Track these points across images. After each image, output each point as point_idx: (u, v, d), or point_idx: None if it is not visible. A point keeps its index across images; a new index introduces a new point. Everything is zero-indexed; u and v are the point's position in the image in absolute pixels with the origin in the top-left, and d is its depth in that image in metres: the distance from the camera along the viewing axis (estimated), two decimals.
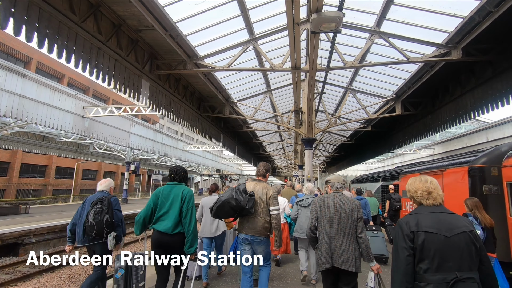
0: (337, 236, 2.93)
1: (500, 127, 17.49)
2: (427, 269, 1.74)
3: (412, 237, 1.80)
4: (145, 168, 39.28)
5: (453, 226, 1.79)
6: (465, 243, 1.73)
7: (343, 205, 3.02)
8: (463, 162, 7.16)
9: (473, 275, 1.71)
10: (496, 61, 6.07)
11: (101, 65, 5.47)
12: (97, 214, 3.50)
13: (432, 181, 2.06)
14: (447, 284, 1.68)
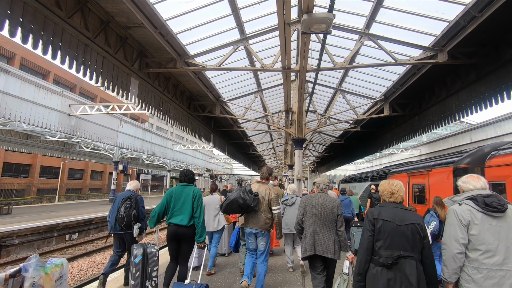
0: (319, 228, 3.48)
1: (483, 128, 18.05)
2: (381, 246, 2.42)
3: (373, 222, 2.48)
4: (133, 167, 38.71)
5: (404, 219, 2.43)
6: (411, 232, 2.38)
7: (326, 203, 3.57)
8: (448, 163, 7.35)
9: (413, 254, 2.35)
10: (480, 64, 6.26)
11: (89, 62, 5.35)
12: (127, 208, 4.38)
13: (396, 184, 2.64)
14: (392, 258, 2.35)
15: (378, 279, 2.37)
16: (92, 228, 15.06)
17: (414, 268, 2.32)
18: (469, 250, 2.32)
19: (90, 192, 36.45)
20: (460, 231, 2.34)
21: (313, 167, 35.57)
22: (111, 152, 24.16)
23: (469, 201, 2.42)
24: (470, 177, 2.68)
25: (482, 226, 2.30)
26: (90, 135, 16.16)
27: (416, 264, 2.33)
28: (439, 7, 5.25)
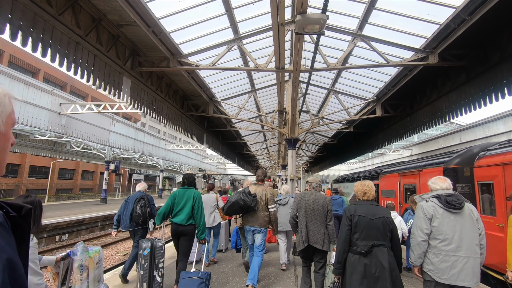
0: (311, 222, 3.88)
1: (472, 129, 18.41)
2: (358, 238, 2.87)
3: (350, 218, 2.92)
4: (125, 167, 38.27)
5: (376, 213, 2.89)
6: (382, 224, 2.85)
7: (317, 199, 3.98)
8: (438, 163, 7.48)
9: (384, 243, 2.83)
10: (469, 66, 6.38)
11: (80, 60, 5.27)
12: (142, 207, 4.97)
13: (368, 185, 3.11)
14: (368, 247, 2.80)
15: (356, 265, 2.82)
16: (83, 228, 14.84)
17: (385, 254, 2.79)
18: (431, 238, 2.82)
19: (81, 192, 35.91)
20: (425, 223, 2.83)
21: (306, 167, 35.73)
22: (102, 152, 23.84)
23: (434, 199, 2.89)
24: (438, 178, 3.09)
25: (442, 219, 2.78)
26: (81, 135, 15.92)
27: (387, 251, 2.81)
28: (430, 9, 5.33)
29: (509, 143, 5.87)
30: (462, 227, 2.74)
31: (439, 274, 2.73)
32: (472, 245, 2.72)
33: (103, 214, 16.25)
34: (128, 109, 13.72)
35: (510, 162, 5.26)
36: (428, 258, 2.82)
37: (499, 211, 5.46)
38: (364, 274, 2.76)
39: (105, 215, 16.29)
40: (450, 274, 2.69)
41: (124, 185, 43.73)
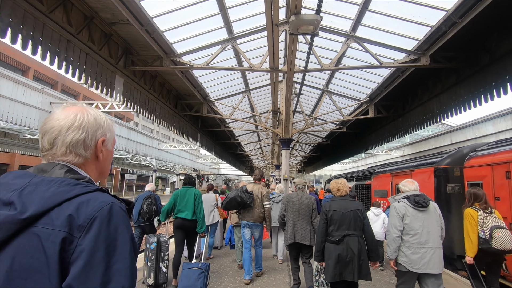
0: (298, 221, 4.27)
1: (462, 130, 18.75)
2: (332, 229, 3.32)
3: (326, 213, 3.37)
4: (118, 167, 37.84)
5: (347, 207, 3.34)
6: (353, 216, 3.29)
7: (303, 199, 4.39)
8: (430, 163, 7.60)
9: (355, 232, 3.26)
10: (459, 68, 6.49)
11: (71, 58, 5.19)
12: (148, 204, 5.63)
13: (341, 182, 3.59)
14: (341, 237, 3.25)
15: (332, 252, 3.29)
16: None
17: (356, 242, 3.24)
18: (403, 234, 3.23)
19: None
20: (398, 221, 3.23)
21: (300, 167, 35.89)
22: None
23: (404, 200, 3.32)
24: (407, 181, 3.53)
25: (412, 217, 3.22)
26: None
27: (357, 239, 3.26)
28: (422, 12, 5.41)
29: (497, 144, 5.99)
30: (428, 222, 3.20)
31: (412, 265, 3.14)
32: (437, 237, 3.21)
33: None
34: (121, 109, 13.57)
35: (498, 163, 5.37)
36: (402, 251, 3.22)
37: None
38: (338, 260, 3.23)
39: None
40: (421, 263, 3.11)
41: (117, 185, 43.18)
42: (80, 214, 0.72)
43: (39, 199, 0.72)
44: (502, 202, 5.17)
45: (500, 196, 5.25)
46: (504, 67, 5.36)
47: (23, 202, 0.72)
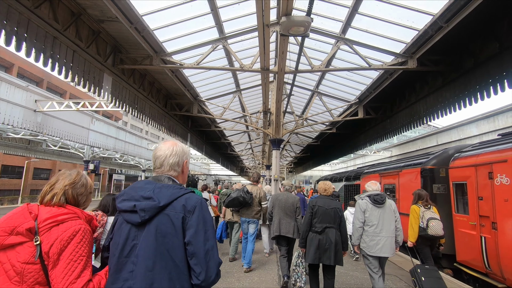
0: (283, 217, 4.84)
1: (448, 132, 19.24)
2: (316, 221, 3.92)
3: (312, 207, 3.98)
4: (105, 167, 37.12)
5: (330, 205, 3.96)
6: (333, 212, 3.90)
7: (289, 199, 4.96)
8: (416, 164, 7.76)
9: (334, 225, 3.87)
10: (445, 72, 6.67)
11: (57, 55, 5.06)
12: None
13: (328, 184, 4.20)
14: (323, 228, 3.84)
15: (314, 240, 3.89)
16: None
17: (333, 233, 3.86)
18: (364, 225, 4.01)
19: None
20: (361, 215, 4.06)
21: (290, 167, 36.06)
22: (81, 151, 22.99)
23: (366, 198, 4.12)
24: (371, 183, 4.31)
25: (371, 212, 4.02)
26: (58, 133, 15.27)
27: (335, 231, 3.88)
28: (410, 16, 5.52)
29: (481, 145, 6.17)
30: (384, 216, 3.98)
31: (369, 249, 3.93)
32: (390, 228, 3.95)
33: None
34: (109, 108, 13.32)
35: (481, 164, 5.54)
36: (363, 239, 4.01)
37: (471, 210, 5.73)
38: (318, 246, 3.84)
39: None
40: (376, 248, 3.88)
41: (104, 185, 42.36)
42: (187, 204, 1.33)
43: (166, 196, 1.33)
44: (485, 202, 5.33)
45: (483, 196, 5.41)
46: (488, 71, 5.53)
47: (157, 197, 1.32)
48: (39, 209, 1.33)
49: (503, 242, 4.86)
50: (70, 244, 1.25)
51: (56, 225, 1.28)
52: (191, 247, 1.28)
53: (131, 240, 1.29)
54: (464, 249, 5.91)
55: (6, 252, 1.21)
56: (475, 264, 5.57)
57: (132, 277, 1.22)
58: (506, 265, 4.77)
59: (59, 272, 1.19)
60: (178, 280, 1.24)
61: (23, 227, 1.23)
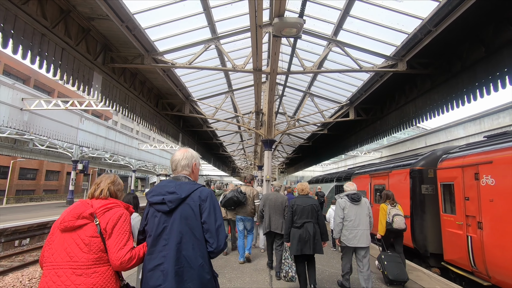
0: (273, 214, 5.41)
1: (436, 133, 19.64)
2: (296, 218, 4.43)
3: (292, 206, 4.51)
4: (95, 167, 36.50)
5: (307, 202, 4.49)
6: (310, 208, 4.42)
7: (278, 198, 5.55)
8: (406, 165, 7.89)
9: (312, 220, 4.36)
10: (434, 75, 6.81)
11: (46, 53, 4.96)
12: None
13: (305, 185, 4.84)
14: (302, 223, 4.35)
15: (295, 234, 4.39)
16: (46, 232, 13.92)
17: (312, 226, 4.36)
18: (344, 220, 4.57)
19: (44, 193, 33.71)
20: (340, 211, 4.61)
21: (282, 168, 36.17)
22: (69, 151, 22.54)
23: (345, 197, 4.68)
24: (349, 184, 4.86)
25: (350, 209, 4.57)
26: (45, 132, 14.94)
27: (313, 225, 4.37)
28: (400, 19, 5.62)
29: (467, 147, 6.32)
30: (360, 212, 4.55)
31: (348, 241, 4.51)
32: (365, 222, 4.54)
33: None
34: (99, 107, 13.10)
35: (468, 165, 5.67)
36: (343, 233, 4.58)
37: (458, 210, 5.87)
38: (299, 239, 4.33)
39: None
40: (354, 240, 4.46)
41: None
42: (202, 195, 1.82)
43: (185, 190, 1.81)
44: (471, 202, 5.46)
45: (469, 196, 5.54)
46: (474, 75, 5.68)
47: (179, 191, 1.79)
48: (92, 201, 1.87)
49: (488, 241, 4.99)
50: (118, 222, 1.78)
51: (107, 210, 1.81)
52: (206, 225, 1.79)
53: (162, 224, 1.77)
54: (451, 248, 6.04)
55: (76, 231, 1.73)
56: (461, 263, 5.70)
57: (165, 249, 1.72)
58: (491, 264, 4.90)
59: (112, 241, 1.73)
60: (198, 248, 1.75)
61: (86, 212, 1.77)
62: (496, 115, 14.67)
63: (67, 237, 1.72)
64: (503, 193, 4.76)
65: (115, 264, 1.69)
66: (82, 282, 1.61)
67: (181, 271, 1.68)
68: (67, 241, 1.71)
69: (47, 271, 1.67)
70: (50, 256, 1.69)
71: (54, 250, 1.71)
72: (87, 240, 1.70)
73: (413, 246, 7.02)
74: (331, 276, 5.56)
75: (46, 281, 1.64)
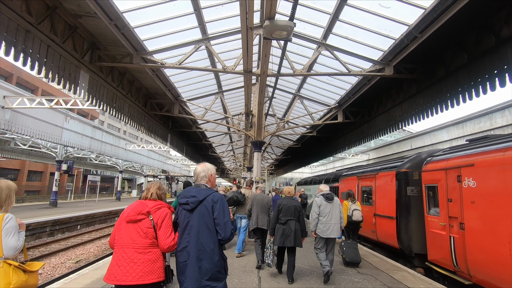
0: (260, 213, 6.03)
1: (421, 137, 20.17)
2: (281, 216, 5.06)
3: (279, 206, 5.13)
4: (80, 167, 35.57)
5: (291, 203, 5.15)
6: (294, 209, 5.08)
7: (264, 198, 6.23)
8: (392, 167, 8.06)
9: (294, 218, 5.02)
10: (419, 79, 7.00)
11: (30, 50, 4.82)
12: None
13: (291, 188, 5.52)
14: (286, 220, 5.00)
15: (279, 229, 5.05)
16: (27, 235, 13.46)
17: (293, 224, 5.01)
18: (319, 216, 5.31)
19: (26, 194, 32.59)
20: (317, 208, 5.33)
21: (271, 169, 36.27)
22: (53, 151, 21.91)
23: (321, 196, 5.42)
24: (323, 185, 5.68)
25: (324, 206, 5.32)
26: (28, 131, 14.48)
27: (295, 222, 5.02)
28: (388, 25, 5.77)
29: (451, 150, 6.52)
30: (333, 209, 5.33)
31: (322, 233, 5.26)
32: (337, 217, 5.33)
33: (52, 219, 14.88)
34: (85, 106, 12.80)
35: (451, 167, 5.85)
36: (318, 226, 5.32)
37: (441, 211, 6.04)
38: (282, 234, 5.00)
39: (55, 220, 14.93)
40: (327, 232, 5.23)
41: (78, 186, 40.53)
42: (214, 198, 2.43)
43: (202, 194, 2.44)
44: (454, 204, 5.63)
45: (452, 198, 5.71)
46: (457, 80, 5.87)
47: (198, 195, 2.43)
48: (146, 202, 2.51)
49: (470, 242, 5.15)
50: (165, 218, 2.44)
51: (158, 209, 2.46)
52: (217, 220, 2.40)
53: (187, 218, 2.43)
54: (435, 248, 6.21)
55: (137, 223, 2.39)
56: (444, 262, 5.86)
57: (189, 237, 2.38)
58: (472, 263, 5.06)
59: (161, 232, 2.39)
60: (211, 237, 2.38)
61: (144, 210, 2.42)
62: (477, 119, 15.21)
63: (130, 226, 2.40)
64: (484, 195, 4.94)
65: (163, 248, 2.40)
66: (142, 258, 2.32)
67: (199, 252, 2.36)
68: (131, 229, 2.39)
69: (117, 249, 2.39)
70: (118, 239, 2.40)
71: (121, 235, 2.40)
72: (145, 230, 2.38)
73: (399, 246, 7.17)
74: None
75: (117, 256, 2.35)
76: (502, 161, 4.62)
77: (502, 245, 4.43)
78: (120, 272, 2.29)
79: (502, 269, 4.41)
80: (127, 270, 2.30)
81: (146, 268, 2.32)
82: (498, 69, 5.01)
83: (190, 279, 2.35)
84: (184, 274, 2.38)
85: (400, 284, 5.20)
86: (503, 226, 4.46)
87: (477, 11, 4.77)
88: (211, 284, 2.36)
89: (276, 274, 5.55)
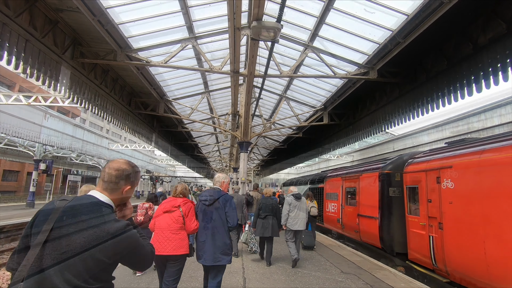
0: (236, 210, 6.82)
1: (402, 139, 20.79)
2: (261, 212, 6.30)
3: (260, 205, 6.49)
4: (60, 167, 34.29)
5: (270, 202, 6.42)
6: (271, 206, 6.35)
7: (238, 198, 7.20)
8: (375, 168, 8.25)
9: (271, 214, 6.26)
10: (401, 83, 7.21)
11: (6, 43, 4.61)
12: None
13: (269, 189, 7.28)
14: (265, 216, 6.23)
15: (259, 223, 6.17)
16: (2, 237, 12.83)
17: (271, 219, 6.15)
18: (289, 212, 6.20)
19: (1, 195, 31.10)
20: (287, 206, 6.24)
21: (257, 170, 36.29)
22: (31, 149, 21.03)
23: (291, 195, 6.35)
24: (293, 187, 6.72)
25: (294, 204, 6.24)
26: (4, 129, 13.84)
27: (272, 217, 6.15)
28: (372, 30, 5.91)
29: (431, 152, 6.74)
30: (300, 206, 6.28)
31: (292, 226, 6.16)
32: (304, 214, 6.28)
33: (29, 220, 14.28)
34: (66, 103, 12.38)
35: (431, 169, 6.05)
36: (288, 221, 6.20)
37: (421, 212, 6.23)
38: (262, 226, 6.11)
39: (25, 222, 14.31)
40: (296, 225, 6.15)
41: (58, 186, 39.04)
42: (226, 198, 3.65)
43: (217, 195, 3.66)
44: (433, 204, 5.83)
45: (431, 198, 5.91)
46: (437, 85, 6.09)
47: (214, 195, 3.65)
48: (176, 198, 3.52)
49: (448, 241, 5.35)
50: (190, 210, 3.45)
51: (185, 204, 3.45)
52: (227, 213, 3.49)
53: (205, 211, 3.46)
54: (415, 248, 6.40)
55: (172, 213, 3.39)
56: (424, 261, 6.05)
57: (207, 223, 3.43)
58: (450, 262, 5.25)
59: (188, 219, 3.39)
60: (223, 224, 3.45)
61: (177, 203, 3.45)
62: (455, 123, 15.84)
63: (166, 215, 3.40)
64: (461, 195, 5.14)
65: (189, 230, 3.40)
66: (174, 237, 3.30)
67: (213, 234, 3.42)
68: (166, 217, 3.39)
69: (157, 231, 3.37)
70: (158, 224, 3.39)
71: (160, 222, 3.39)
72: (177, 218, 3.36)
73: (381, 246, 7.34)
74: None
75: (157, 236, 3.33)
76: (478, 163, 4.82)
77: (477, 244, 4.62)
78: (160, 246, 3.25)
79: (478, 267, 4.60)
80: (164, 245, 3.26)
81: (177, 244, 3.30)
82: (475, 75, 5.23)
83: (207, 253, 3.39)
84: (203, 249, 3.42)
85: (382, 283, 5.33)
86: (478, 226, 4.66)
87: (456, 20, 4.96)
88: (222, 257, 3.42)
89: (259, 259, 6.72)
